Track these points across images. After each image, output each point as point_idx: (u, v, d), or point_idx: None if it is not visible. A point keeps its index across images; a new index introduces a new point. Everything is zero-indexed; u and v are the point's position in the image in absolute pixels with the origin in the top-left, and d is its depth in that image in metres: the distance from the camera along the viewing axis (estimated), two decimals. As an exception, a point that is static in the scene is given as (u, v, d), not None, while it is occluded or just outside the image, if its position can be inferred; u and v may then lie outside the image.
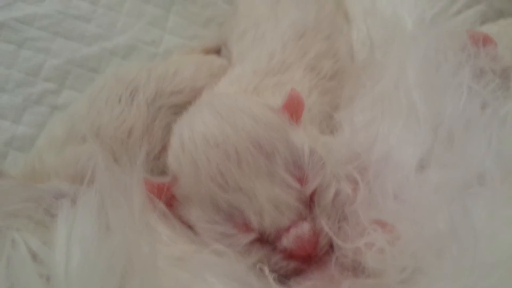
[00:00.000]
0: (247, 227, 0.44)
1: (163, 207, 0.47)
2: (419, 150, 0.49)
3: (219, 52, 0.77)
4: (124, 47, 0.77)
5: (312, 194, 0.45)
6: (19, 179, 0.54)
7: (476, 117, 0.49)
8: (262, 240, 0.45)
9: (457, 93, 0.50)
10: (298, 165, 0.45)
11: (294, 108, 0.49)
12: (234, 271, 0.43)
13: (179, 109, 0.63)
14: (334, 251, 0.45)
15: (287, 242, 0.43)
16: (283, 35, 0.65)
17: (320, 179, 0.46)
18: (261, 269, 0.43)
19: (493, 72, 0.53)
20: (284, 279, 0.45)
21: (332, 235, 0.45)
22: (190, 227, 0.48)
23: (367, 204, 0.46)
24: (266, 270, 0.43)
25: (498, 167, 0.44)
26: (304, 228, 0.43)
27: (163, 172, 0.57)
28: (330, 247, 0.46)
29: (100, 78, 0.68)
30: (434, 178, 0.47)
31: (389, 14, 0.66)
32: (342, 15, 0.74)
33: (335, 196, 0.47)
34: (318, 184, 0.45)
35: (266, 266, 0.44)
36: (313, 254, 0.44)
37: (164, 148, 0.59)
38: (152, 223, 0.46)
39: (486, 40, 0.55)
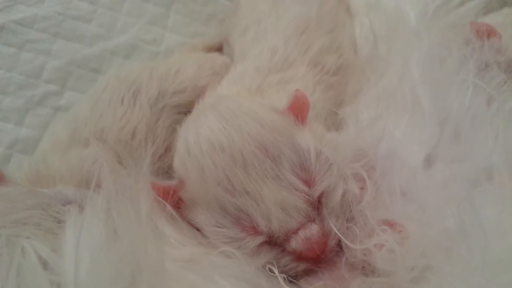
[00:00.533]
0: (255, 230, 0.44)
1: (170, 210, 0.47)
2: (426, 146, 0.49)
3: (221, 49, 0.77)
4: (125, 47, 0.76)
5: (320, 195, 0.45)
6: (25, 186, 0.54)
7: (482, 111, 0.48)
8: (270, 243, 0.45)
9: (462, 88, 0.50)
10: (305, 167, 0.45)
11: (299, 109, 0.49)
12: (244, 273, 0.43)
13: (182, 108, 0.63)
14: (344, 252, 0.45)
15: (296, 244, 0.43)
16: (285, 30, 0.64)
17: (328, 181, 0.45)
18: (270, 270, 0.44)
19: (498, 65, 0.52)
20: (293, 279, 0.45)
21: (340, 236, 0.44)
22: (198, 230, 0.48)
23: (375, 203, 0.46)
24: (276, 271, 0.43)
25: (506, 161, 0.44)
26: (313, 229, 0.43)
27: (168, 172, 0.57)
28: (339, 247, 0.46)
29: (102, 79, 0.68)
30: (441, 174, 0.47)
31: (391, 7, 0.66)
32: (344, 9, 0.73)
33: (343, 196, 0.47)
34: (325, 186, 0.45)
35: (275, 267, 0.44)
36: (322, 255, 0.44)
37: (168, 149, 0.60)
38: (160, 226, 0.46)
39: (490, 33, 0.55)
